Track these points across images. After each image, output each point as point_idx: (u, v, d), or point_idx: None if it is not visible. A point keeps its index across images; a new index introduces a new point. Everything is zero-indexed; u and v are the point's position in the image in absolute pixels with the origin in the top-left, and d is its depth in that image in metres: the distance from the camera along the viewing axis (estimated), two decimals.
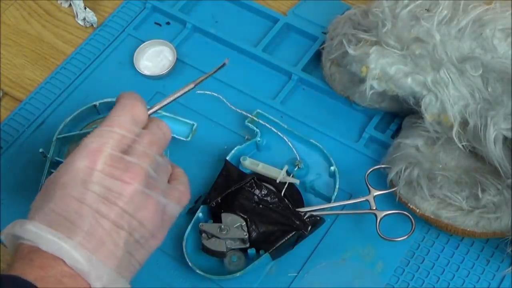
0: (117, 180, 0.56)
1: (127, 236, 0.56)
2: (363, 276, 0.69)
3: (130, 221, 0.56)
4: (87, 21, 0.89)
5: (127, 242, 0.56)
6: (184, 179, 0.63)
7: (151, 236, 0.58)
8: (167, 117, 0.76)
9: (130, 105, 0.60)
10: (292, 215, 0.70)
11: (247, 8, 0.89)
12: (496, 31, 0.69)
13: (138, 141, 0.58)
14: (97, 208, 0.55)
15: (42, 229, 0.54)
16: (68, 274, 0.53)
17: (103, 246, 0.55)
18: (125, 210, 0.56)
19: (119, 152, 0.57)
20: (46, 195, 0.56)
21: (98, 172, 0.56)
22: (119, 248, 0.55)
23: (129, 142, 0.58)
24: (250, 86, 0.83)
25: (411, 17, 0.71)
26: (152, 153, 0.58)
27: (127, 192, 0.56)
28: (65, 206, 0.55)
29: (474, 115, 0.68)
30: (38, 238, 0.54)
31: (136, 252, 0.57)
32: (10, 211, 0.75)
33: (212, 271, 0.69)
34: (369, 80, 0.71)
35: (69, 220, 0.54)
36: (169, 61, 0.85)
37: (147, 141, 0.59)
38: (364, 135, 0.78)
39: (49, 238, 0.53)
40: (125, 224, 0.56)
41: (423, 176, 0.69)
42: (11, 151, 0.80)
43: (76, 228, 0.54)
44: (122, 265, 0.56)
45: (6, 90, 0.86)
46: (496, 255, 0.70)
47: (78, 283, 0.53)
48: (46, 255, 0.53)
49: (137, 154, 0.57)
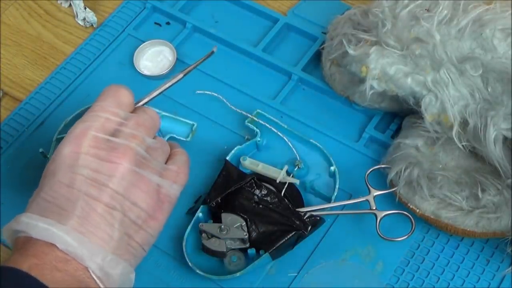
0: (104, 161, 0.56)
1: (121, 216, 0.55)
2: (363, 276, 0.69)
3: (123, 201, 0.56)
4: (87, 21, 0.89)
5: (122, 223, 0.55)
6: (181, 157, 0.63)
7: (149, 217, 0.58)
8: (167, 117, 0.75)
9: (113, 90, 0.61)
10: (292, 215, 0.70)
11: (247, 8, 0.89)
12: (496, 31, 0.69)
13: (124, 124, 0.58)
14: (86, 191, 0.55)
15: (33, 218, 0.54)
16: (63, 259, 0.53)
17: (97, 229, 0.54)
18: (116, 191, 0.55)
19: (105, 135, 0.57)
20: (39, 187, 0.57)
21: (83, 155, 0.56)
22: (115, 230, 0.55)
23: (115, 125, 0.58)
24: (250, 86, 0.83)
25: (411, 17, 0.71)
26: (140, 134, 0.58)
27: (116, 172, 0.56)
28: (55, 193, 0.55)
29: (474, 115, 0.68)
30: (30, 228, 0.53)
31: (135, 234, 0.57)
32: (10, 211, 0.74)
33: (212, 271, 0.69)
34: (369, 80, 0.71)
35: (60, 206, 0.54)
36: (169, 61, 0.85)
37: (133, 123, 0.59)
38: (364, 135, 0.78)
39: (40, 225, 0.53)
40: (117, 205, 0.55)
41: (423, 176, 0.69)
42: (11, 151, 0.80)
43: (68, 213, 0.54)
44: (121, 247, 0.55)
45: (6, 90, 0.86)
46: (496, 255, 0.70)
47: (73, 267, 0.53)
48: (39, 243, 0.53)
49: (123, 136, 0.58)
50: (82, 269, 0.53)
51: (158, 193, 0.58)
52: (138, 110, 0.62)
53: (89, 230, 0.54)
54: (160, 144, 0.61)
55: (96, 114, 0.58)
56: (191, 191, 0.75)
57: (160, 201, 0.59)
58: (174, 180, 0.60)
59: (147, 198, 0.57)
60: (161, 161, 0.60)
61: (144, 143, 0.59)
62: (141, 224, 0.57)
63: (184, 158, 0.63)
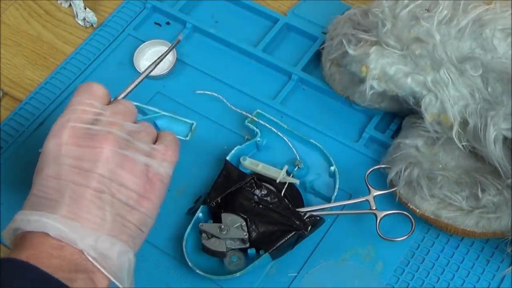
0: (86, 148, 0.58)
1: (110, 199, 0.57)
2: (363, 276, 0.69)
3: (109, 184, 0.57)
4: (87, 21, 0.89)
5: (113, 205, 0.57)
6: (168, 137, 0.64)
7: (141, 197, 0.59)
8: (166, 116, 0.76)
9: (86, 85, 0.63)
10: (292, 215, 0.70)
11: (247, 8, 0.89)
12: (496, 31, 0.69)
13: (102, 114, 0.60)
14: (73, 180, 0.56)
15: (26, 214, 0.56)
16: (57, 246, 0.54)
17: (88, 214, 0.56)
18: (102, 174, 0.57)
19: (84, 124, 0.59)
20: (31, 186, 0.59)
21: (65, 145, 0.58)
22: (106, 212, 0.56)
23: (92, 115, 0.60)
24: (250, 86, 0.83)
25: (411, 17, 0.71)
26: (118, 121, 0.60)
27: (100, 156, 0.57)
28: (44, 187, 0.57)
29: (474, 115, 0.68)
30: (24, 223, 0.55)
31: (129, 214, 0.58)
32: (10, 211, 0.74)
33: (212, 271, 0.69)
34: (369, 80, 0.71)
35: (50, 198, 0.56)
36: (169, 61, 0.85)
37: (109, 113, 0.61)
38: (364, 135, 0.78)
39: (33, 219, 0.55)
40: (105, 188, 0.57)
41: (423, 176, 0.69)
42: (11, 151, 0.80)
43: (58, 203, 0.55)
44: (115, 228, 0.57)
45: (6, 90, 0.86)
46: (496, 255, 0.70)
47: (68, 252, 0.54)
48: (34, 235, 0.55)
49: (102, 124, 0.59)
50: (78, 252, 0.54)
51: (147, 172, 0.60)
52: (112, 102, 0.64)
53: (81, 216, 0.55)
54: (144, 127, 0.63)
55: (73, 107, 0.60)
56: (191, 191, 0.75)
57: (150, 181, 0.60)
58: (163, 158, 0.61)
59: (135, 178, 0.59)
60: (146, 141, 0.62)
61: (124, 128, 0.60)
62: (133, 204, 0.58)
63: (171, 137, 0.64)
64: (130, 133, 0.61)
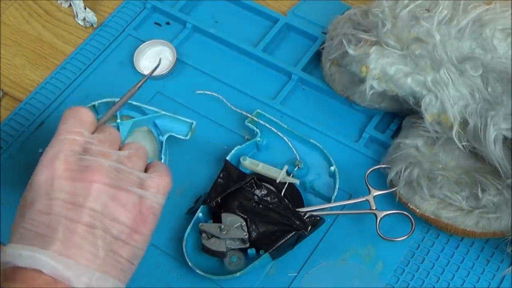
0: (78, 181, 0.56)
1: (103, 234, 0.56)
2: (363, 276, 0.69)
3: (102, 218, 0.56)
4: (87, 21, 0.89)
5: (105, 240, 0.56)
6: (161, 166, 0.63)
7: (133, 231, 0.58)
8: (166, 116, 0.76)
9: (73, 111, 0.61)
10: (292, 215, 0.70)
11: (247, 8, 0.89)
12: (496, 31, 0.69)
13: (91, 143, 0.59)
14: (66, 215, 0.55)
15: (17, 248, 0.55)
16: (51, 282, 0.53)
17: (81, 249, 0.55)
18: (94, 209, 0.56)
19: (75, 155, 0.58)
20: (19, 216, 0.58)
21: (57, 179, 0.56)
22: (99, 248, 0.55)
23: (82, 144, 0.59)
24: (250, 86, 0.83)
25: (411, 17, 0.71)
26: (107, 150, 0.59)
27: (91, 191, 0.56)
28: (35, 221, 0.56)
29: (474, 115, 0.68)
30: (15, 257, 0.54)
31: (121, 249, 0.57)
32: (10, 211, 0.74)
33: (212, 271, 0.69)
34: (369, 80, 0.71)
35: (41, 233, 0.55)
36: (169, 61, 0.85)
37: (97, 141, 0.60)
38: (364, 135, 0.78)
39: (24, 254, 0.54)
40: (97, 223, 0.56)
41: (423, 176, 0.69)
42: (11, 151, 0.80)
43: (50, 238, 0.54)
44: (107, 264, 0.56)
45: (6, 90, 0.86)
46: (496, 255, 0.70)
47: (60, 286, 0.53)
48: (26, 271, 0.54)
49: (92, 154, 0.58)
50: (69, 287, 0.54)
51: (140, 205, 0.58)
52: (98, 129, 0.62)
53: (73, 252, 0.54)
54: (134, 150, 0.61)
55: (62, 137, 0.59)
56: (191, 191, 0.75)
57: (142, 214, 0.58)
58: (157, 189, 0.60)
59: (127, 212, 0.57)
60: (139, 168, 0.60)
61: (114, 157, 0.59)
62: (125, 239, 0.57)
63: (164, 166, 0.63)
64: (121, 161, 0.59)
